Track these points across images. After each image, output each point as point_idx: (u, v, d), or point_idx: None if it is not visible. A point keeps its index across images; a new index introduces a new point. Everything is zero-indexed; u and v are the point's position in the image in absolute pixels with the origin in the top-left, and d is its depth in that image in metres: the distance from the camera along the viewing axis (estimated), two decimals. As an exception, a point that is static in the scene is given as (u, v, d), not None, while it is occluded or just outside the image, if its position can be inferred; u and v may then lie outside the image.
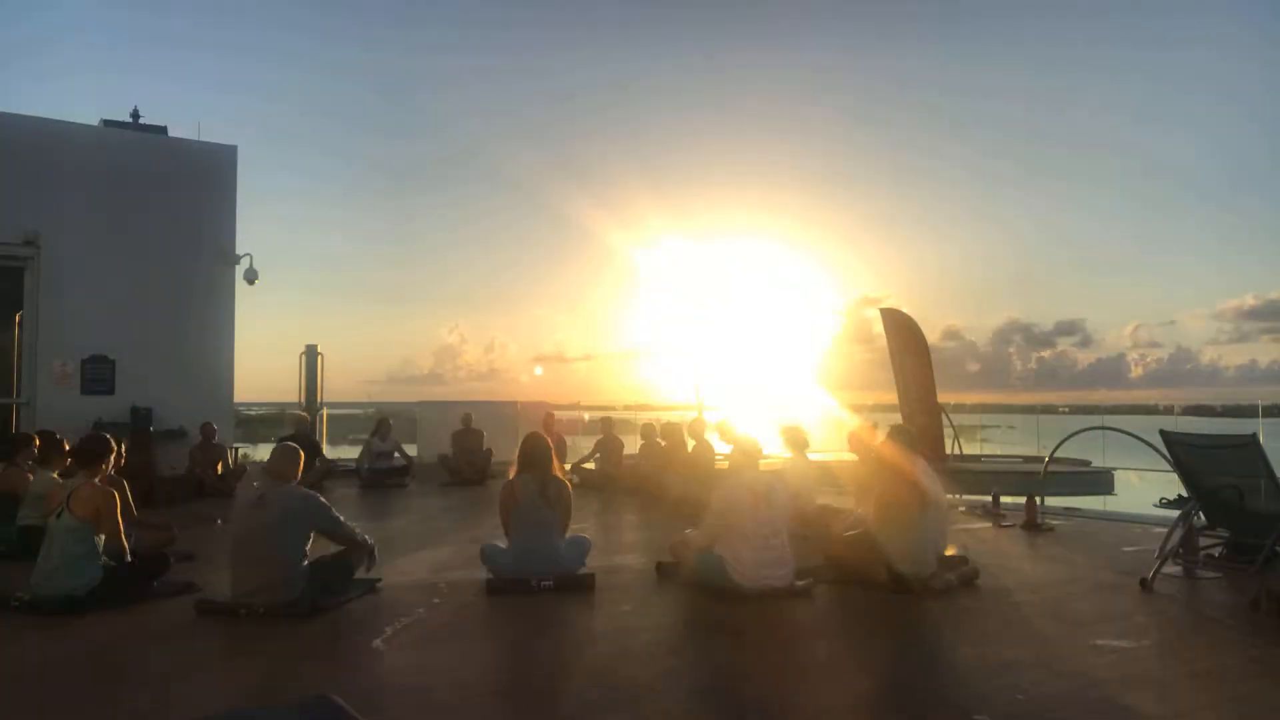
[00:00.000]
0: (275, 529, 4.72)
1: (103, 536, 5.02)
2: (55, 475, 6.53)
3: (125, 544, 5.14)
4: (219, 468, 10.88)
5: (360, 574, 5.15)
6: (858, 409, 14.14)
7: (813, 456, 8.12)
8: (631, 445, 12.51)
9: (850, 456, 7.77)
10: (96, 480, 5.13)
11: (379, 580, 5.31)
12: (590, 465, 12.07)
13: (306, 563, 4.83)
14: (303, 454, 5.20)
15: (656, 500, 9.78)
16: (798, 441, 7.84)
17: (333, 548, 5.09)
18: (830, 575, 5.43)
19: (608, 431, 12.12)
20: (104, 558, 5.01)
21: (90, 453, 5.27)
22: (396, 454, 12.19)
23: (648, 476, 10.56)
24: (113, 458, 5.38)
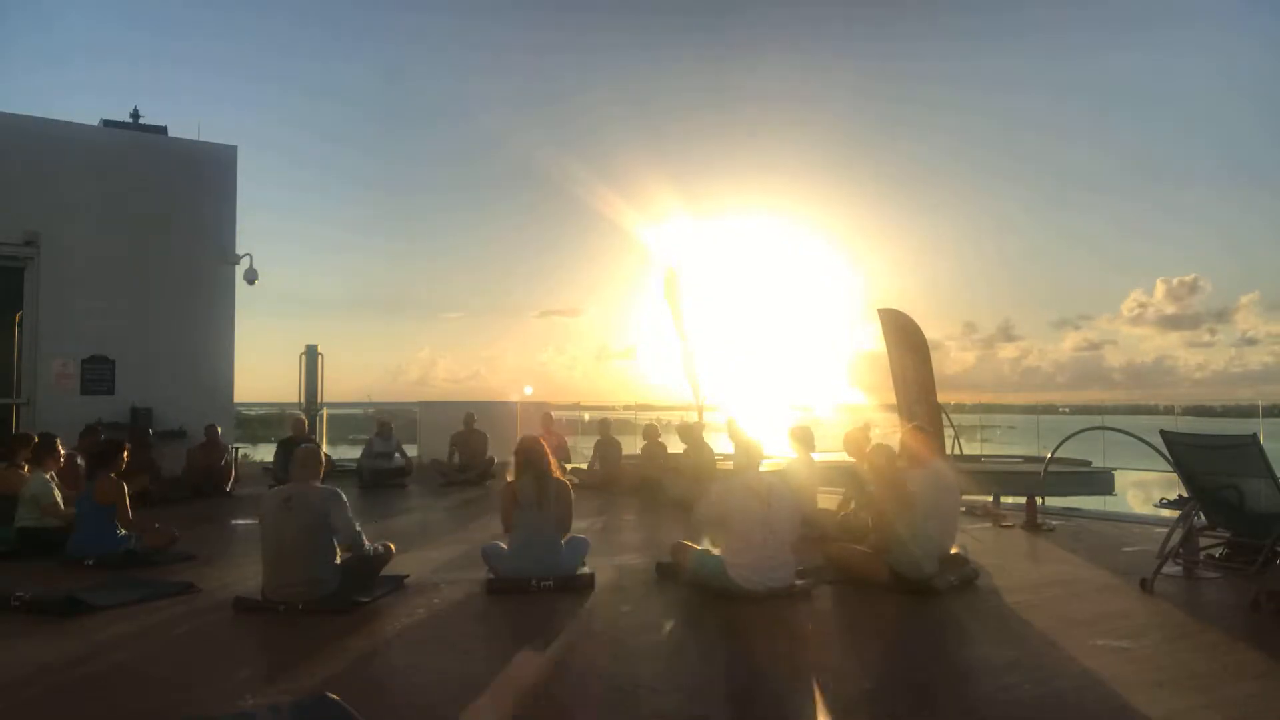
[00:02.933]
0: (306, 529, 4.79)
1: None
2: (49, 476, 6.57)
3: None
4: (224, 469, 10.87)
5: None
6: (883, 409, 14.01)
7: (818, 456, 8.10)
8: (631, 446, 12.50)
9: (848, 458, 7.78)
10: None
11: (406, 576, 5.42)
12: (595, 467, 12.06)
13: (339, 560, 4.89)
14: (324, 455, 5.36)
15: (656, 501, 9.76)
16: (805, 440, 7.84)
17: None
18: (830, 575, 5.43)
19: (605, 434, 12.13)
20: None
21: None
22: (397, 454, 12.19)
23: (648, 478, 10.55)
24: (125, 455, 6.58)
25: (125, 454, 6.62)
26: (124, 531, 6.25)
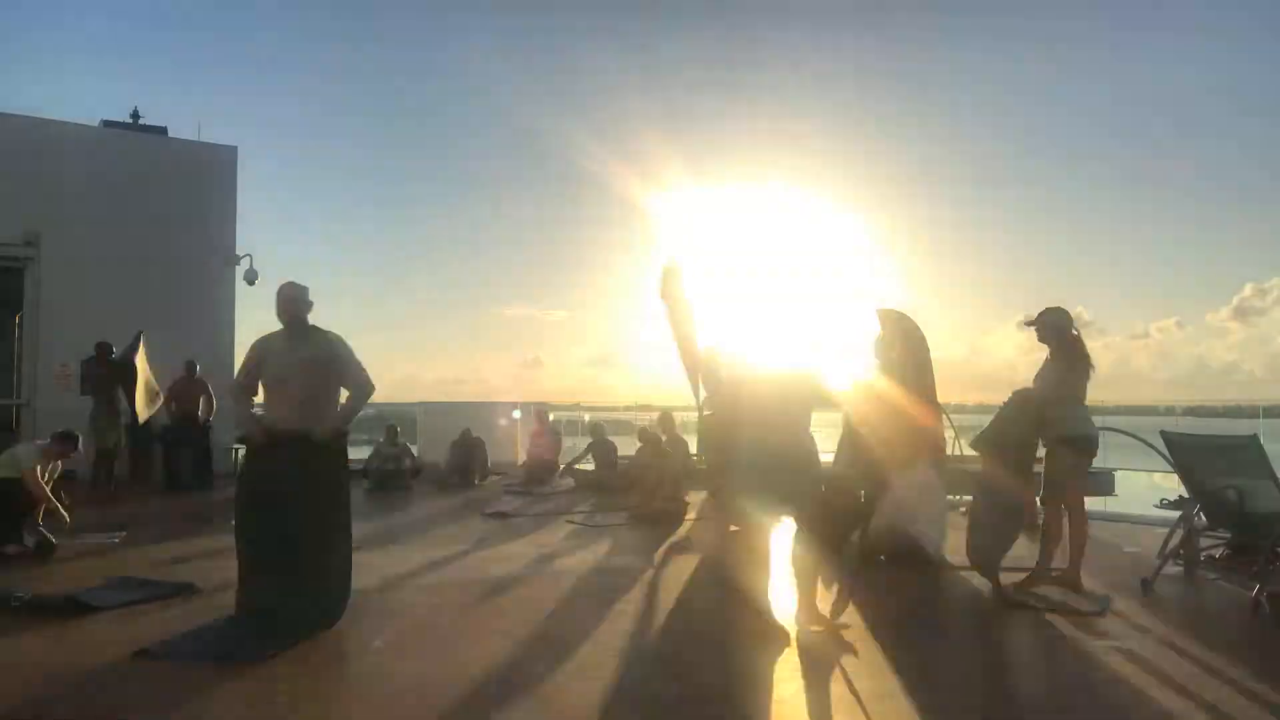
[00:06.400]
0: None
1: None
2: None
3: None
4: (199, 406, 11.20)
5: None
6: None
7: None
8: (629, 447, 12.50)
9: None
10: None
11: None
12: (588, 466, 12.14)
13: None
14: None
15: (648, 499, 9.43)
16: None
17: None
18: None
19: (598, 435, 12.37)
20: None
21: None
22: (409, 460, 12.21)
23: (641, 477, 10.19)
24: None
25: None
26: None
